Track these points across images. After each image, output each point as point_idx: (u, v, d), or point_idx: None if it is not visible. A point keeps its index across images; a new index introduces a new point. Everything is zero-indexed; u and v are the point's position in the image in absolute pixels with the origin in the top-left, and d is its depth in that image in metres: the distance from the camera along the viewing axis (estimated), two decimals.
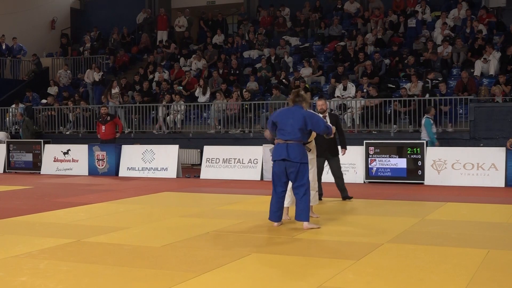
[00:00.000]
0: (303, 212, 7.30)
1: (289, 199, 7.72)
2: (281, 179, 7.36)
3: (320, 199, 9.98)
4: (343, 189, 10.26)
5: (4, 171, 17.39)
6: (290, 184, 7.51)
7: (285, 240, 6.80)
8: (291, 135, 7.26)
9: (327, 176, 10.85)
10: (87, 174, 15.99)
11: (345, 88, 17.28)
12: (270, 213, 7.53)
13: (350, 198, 10.20)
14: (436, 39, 19.20)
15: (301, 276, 5.23)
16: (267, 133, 7.87)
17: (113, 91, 19.52)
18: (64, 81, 22.89)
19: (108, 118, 16.14)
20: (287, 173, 7.29)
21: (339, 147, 10.27)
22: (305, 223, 7.35)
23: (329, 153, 10.00)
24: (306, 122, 7.26)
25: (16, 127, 20.33)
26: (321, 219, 8.20)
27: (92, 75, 21.35)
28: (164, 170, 15.26)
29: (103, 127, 16.07)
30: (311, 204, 7.79)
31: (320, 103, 9.96)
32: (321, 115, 9.92)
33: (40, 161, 16.90)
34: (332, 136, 8.13)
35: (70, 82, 23.21)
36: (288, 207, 7.86)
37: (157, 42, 24.04)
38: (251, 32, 22.50)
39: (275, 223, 7.53)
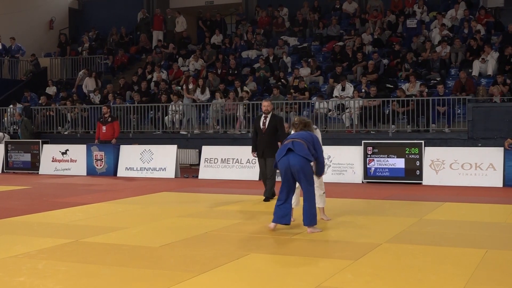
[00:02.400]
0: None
1: (295, 200, 7.68)
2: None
3: (267, 196, 10.16)
4: (269, 190, 10.23)
5: (3, 171, 17.37)
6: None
7: (284, 240, 6.80)
8: None
9: (327, 176, 10.83)
10: (85, 174, 15.97)
11: (343, 88, 17.29)
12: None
13: (268, 199, 10.16)
14: (434, 39, 19.22)
15: (299, 276, 5.23)
16: None
17: (190, 86, 19.12)
18: (90, 87, 21.55)
19: (109, 119, 16.10)
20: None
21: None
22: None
23: (267, 153, 10.06)
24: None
25: (15, 127, 20.30)
26: (319, 218, 8.19)
27: (91, 85, 20.79)
28: (163, 170, 15.25)
29: (104, 127, 16.05)
30: (320, 206, 7.83)
31: (265, 104, 10.25)
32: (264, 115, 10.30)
33: (39, 161, 16.89)
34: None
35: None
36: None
37: (152, 42, 24.01)
38: (249, 32, 22.50)
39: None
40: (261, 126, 10.22)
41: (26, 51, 24.19)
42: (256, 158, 10.75)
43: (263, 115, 10.29)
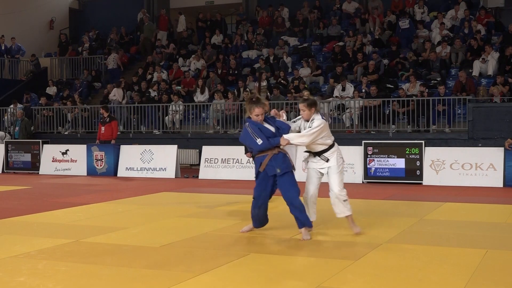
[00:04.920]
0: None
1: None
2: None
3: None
4: None
5: (3, 171, 17.37)
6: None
7: (284, 240, 6.79)
8: None
9: (325, 177, 10.81)
10: (85, 174, 15.98)
11: (343, 89, 17.29)
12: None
13: None
14: (435, 40, 19.21)
15: (299, 276, 5.23)
16: None
17: (262, 84, 18.94)
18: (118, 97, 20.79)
19: (108, 119, 16.11)
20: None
21: None
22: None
23: None
24: None
25: (16, 127, 20.28)
26: (319, 218, 8.18)
27: (119, 95, 20.23)
28: (163, 170, 15.25)
29: (103, 128, 16.07)
30: (348, 214, 7.10)
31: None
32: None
33: (39, 161, 16.89)
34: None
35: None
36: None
37: (156, 42, 24.03)
38: (249, 32, 22.50)
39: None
40: None
41: (26, 51, 24.20)
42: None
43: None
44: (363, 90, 17.14)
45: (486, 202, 10.11)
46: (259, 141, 6.55)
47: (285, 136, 6.65)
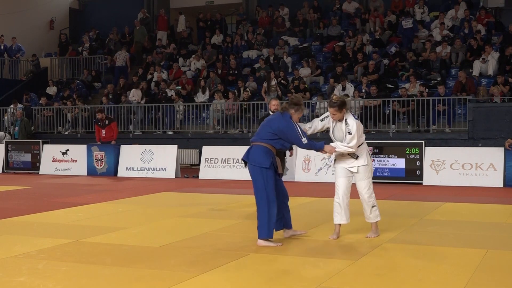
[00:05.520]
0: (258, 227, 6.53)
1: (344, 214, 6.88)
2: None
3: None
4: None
5: (3, 171, 17.37)
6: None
7: (284, 240, 6.79)
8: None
9: (327, 176, 10.87)
10: (85, 174, 15.98)
11: (344, 89, 17.29)
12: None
13: None
14: (435, 39, 19.20)
15: (300, 276, 5.23)
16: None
17: (272, 83, 18.51)
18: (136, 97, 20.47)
19: (107, 122, 16.08)
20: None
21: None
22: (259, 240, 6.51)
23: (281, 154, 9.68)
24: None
25: (15, 127, 20.28)
26: (319, 218, 8.19)
27: (137, 95, 19.97)
28: (163, 170, 15.25)
29: (103, 131, 16.04)
30: (375, 220, 6.91)
31: (274, 103, 9.52)
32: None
33: (39, 161, 16.89)
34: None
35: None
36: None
37: (154, 42, 24.02)
38: (250, 32, 22.51)
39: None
40: None
41: (25, 51, 24.19)
42: None
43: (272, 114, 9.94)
44: (363, 90, 17.14)
45: (486, 202, 10.11)
46: (304, 140, 6.46)
47: (332, 144, 6.61)
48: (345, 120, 6.56)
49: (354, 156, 6.72)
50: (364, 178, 6.82)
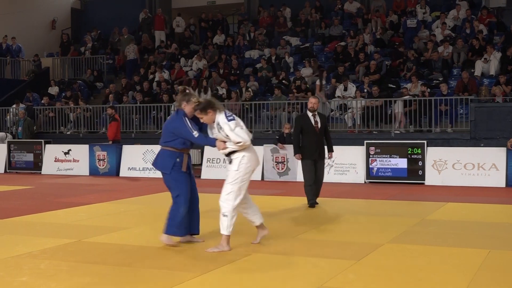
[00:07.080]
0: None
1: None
2: None
3: (314, 202, 9.35)
4: (317, 195, 9.52)
5: (5, 171, 17.39)
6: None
7: (285, 240, 6.79)
8: None
9: (328, 176, 10.86)
10: (88, 174, 15.99)
11: (345, 88, 17.28)
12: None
13: (315, 204, 9.46)
14: (437, 39, 19.19)
15: (301, 277, 5.23)
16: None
17: (323, 82, 17.73)
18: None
19: (110, 119, 16.16)
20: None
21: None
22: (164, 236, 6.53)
23: (318, 155, 9.48)
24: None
25: (18, 127, 20.30)
26: (321, 218, 8.18)
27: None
28: None
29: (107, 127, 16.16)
30: (222, 232, 6.30)
31: (313, 101, 9.59)
32: (310, 114, 9.54)
33: (41, 161, 16.91)
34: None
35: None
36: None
37: (155, 42, 24.02)
38: (251, 32, 22.51)
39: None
40: (314, 125, 9.47)
41: (28, 51, 24.21)
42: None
43: (311, 114, 9.59)
44: (365, 90, 17.13)
45: (489, 202, 10.10)
46: (195, 134, 6.35)
47: (227, 143, 6.19)
48: (218, 124, 6.16)
49: (228, 160, 6.31)
50: (227, 182, 6.30)
